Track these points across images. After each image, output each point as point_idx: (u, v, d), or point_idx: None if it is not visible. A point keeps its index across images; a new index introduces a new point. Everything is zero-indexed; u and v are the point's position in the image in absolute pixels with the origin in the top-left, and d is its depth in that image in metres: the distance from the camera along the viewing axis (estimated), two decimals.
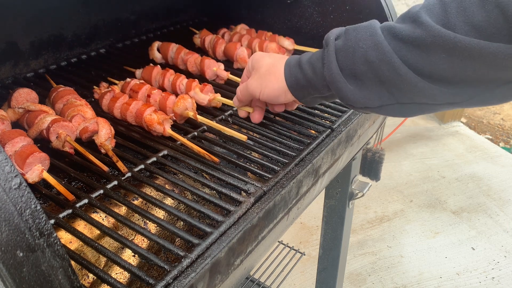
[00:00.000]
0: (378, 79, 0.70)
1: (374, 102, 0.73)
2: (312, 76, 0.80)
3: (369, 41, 0.69)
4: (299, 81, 0.82)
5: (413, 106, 0.71)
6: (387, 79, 0.69)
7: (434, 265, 2.32)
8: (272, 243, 0.86)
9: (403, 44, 0.66)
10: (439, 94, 0.66)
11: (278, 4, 1.45)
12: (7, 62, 1.15)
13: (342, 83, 0.74)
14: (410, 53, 0.65)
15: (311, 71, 0.80)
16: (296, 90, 0.84)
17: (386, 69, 0.68)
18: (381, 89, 0.71)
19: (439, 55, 0.63)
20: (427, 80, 0.66)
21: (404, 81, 0.67)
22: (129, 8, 1.44)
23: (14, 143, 0.79)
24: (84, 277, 0.70)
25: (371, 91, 0.72)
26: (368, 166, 1.61)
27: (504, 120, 3.91)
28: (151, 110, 0.94)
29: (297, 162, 0.86)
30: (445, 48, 0.61)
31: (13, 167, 0.44)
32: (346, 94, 0.75)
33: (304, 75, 0.81)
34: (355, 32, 0.73)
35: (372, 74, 0.70)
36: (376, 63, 0.69)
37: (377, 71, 0.69)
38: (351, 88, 0.74)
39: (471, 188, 2.90)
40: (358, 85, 0.73)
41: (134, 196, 0.81)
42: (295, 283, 2.20)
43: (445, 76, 0.64)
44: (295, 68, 0.83)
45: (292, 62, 0.84)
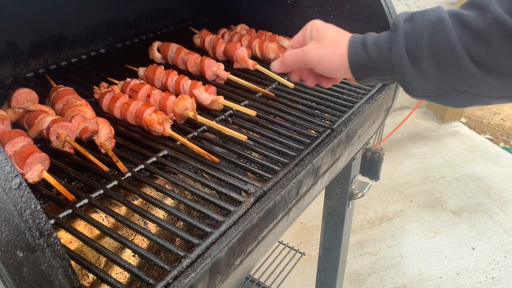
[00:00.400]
0: (439, 64, 0.71)
1: (434, 90, 0.74)
2: (377, 58, 0.79)
3: (438, 25, 0.70)
4: (362, 62, 0.81)
5: (469, 96, 0.72)
6: (448, 65, 0.70)
7: (434, 265, 2.32)
8: (272, 243, 0.86)
9: (469, 33, 0.66)
10: (496, 87, 0.67)
11: (278, 4, 1.45)
12: (7, 62, 1.16)
13: (407, 69, 0.75)
14: (475, 43, 0.65)
15: (376, 53, 0.79)
16: (357, 70, 0.83)
17: (449, 55, 0.68)
18: (441, 76, 0.72)
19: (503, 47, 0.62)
20: (486, 72, 0.66)
21: (463, 71, 0.68)
22: (129, 8, 1.44)
23: (14, 143, 0.79)
24: (84, 277, 0.70)
25: (432, 79, 0.73)
26: (368, 166, 1.60)
27: (504, 120, 3.91)
28: (151, 110, 0.94)
29: (297, 162, 0.86)
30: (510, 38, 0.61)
31: (13, 167, 0.44)
32: (409, 81, 0.75)
33: (368, 56, 0.80)
34: (423, 16, 0.73)
35: (435, 58, 0.71)
36: (441, 48, 0.69)
37: (440, 56, 0.70)
38: (415, 74, 0.74)
39: (471, 188, 2.90)
40: (420, 71, 0.74)
41: (134, 196, 0.81)
42: (295, 283, 2.20)
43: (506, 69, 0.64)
44: (360, 48, 0.81)
45: (357, 41, 0.82)
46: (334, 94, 1.13)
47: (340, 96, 1.13)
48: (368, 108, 1.09)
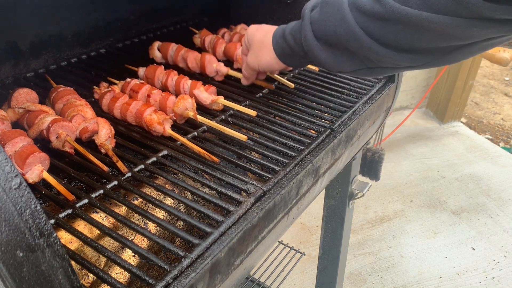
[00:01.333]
0: (347, 49, 0.80)
1: (346, 68, 0.85)
2: (294, 46, 0.91)
3: (337, 15, 0.78)
4: (285, 51, 0.94)
5: (380, 70, 0.83)
6: (355, 49, 0.79)
7: (434, 265, 2.32)
8: (272, 243, 0.86)
9: (366, 17, 0.74)
10: (399, 59, 0.76)
11: (278, 4, 1.45)
12: (7, 62, 1.15)
13: (318, 52, 0.85)
14: (372, 25, 0.74)
15: (293, 41, 0.91)
16: (285, 58, 0.97)
17: (352, 41, 0.77)
18: (351, 57, 0.81)
19: (397, 27, 0.71)
20: (388, 48, 0.75)
21: (368, 50, 0.77)
22: (129, 8, 1.44)
23: (14, 143, 0.79)
24: (84, 277, 0.70)
25: (344, 59, 0.83)
26: (368, 166, 1.61)
27: (504, 120, 3.92)
28: (151, 110, 0.94)
29: (297, 162, 0.86)
30: (401, 21, 0.69)
31: (13, 167, 0.44)
32: (322, 61, 0.86)
33: (288, 45, 0.92)
34: (326, 6, 0.82)
35: (341, 45, 0.80)
36: (344, 36, 0.78)
37: (345, 43, 0.79)
38: (326, 55, 0.84)
39: (471, 188, 2.90)
40: (332, 53, 0.83)
41: (134, 196, 0.81)
42: (295, 283, 2.20)
43: (403, 45, 0.73)
44: (280, 39, 0.94)
45: (278, 34, 0.95)
46: (334, 94, 1.13)
47: (340, 96, 1.13)
48: (368, 108, 1.09)
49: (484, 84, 4.53)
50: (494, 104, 4.18)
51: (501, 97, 4.29)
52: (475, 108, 4.09)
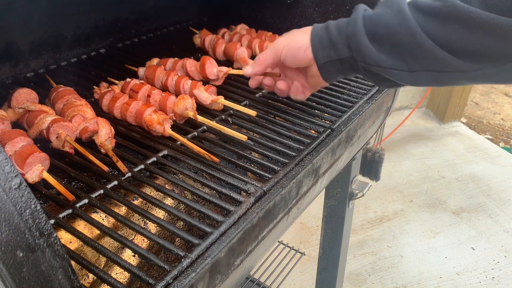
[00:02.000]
0: (394, 42, 0.76)
1: (386, 62, 0.79)
2: (336, 35, 0.85)
3: (395, 8, 0.76)
4: (322, 40, 0.87)
5: (423, 74, 0.76)
6: (402, 43, 0.75)
7: (434, 265, 2.33)
8: (272, 243, 0.86)
9: (423, 15, 0.72)
10: (449, 61, 0.72)
11: (278, 4, 1.45)
12: (7, 62, 1.15)
13: (362, 38, 0.80)
14: (428, 22, 0.71)
15: (336, 31, 0.85)
16: (317, 49, 0.88)
17: (403, 32, 0.74)
18: (395, 53, 0.77)
19: (453, 25, 0.68)
20: (440, 47, 0.71)
21: (418, 45, 0.73)
22: (129, 8, 1.44)
23: (14, 143, 0.79)
24: (84, 277, 0.70)
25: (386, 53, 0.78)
26: (368, 166, 1.60)
27: (504, 120, 3.91)
28: (151, 110, 0.94)
29: (297, 162, 0.86)
30: (459, 18, 0.67)
31: (13, 167, 0.44)
32: (364, 49, 0.80)
33: (328, 35, 0.86)
34: (383, 5, 0.79)
35: (390, 35, 0.76)
36: (396, 26, 0.75)
37: (395, 34, 0.75)
38: (369, 44, 0.79)
39: (471, 188, 2.90)
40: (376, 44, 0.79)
41: (134, 196, 0.81)
42: (295, 283, 2.20)
43: (457, 45, 0.70)
44: (322, 30, 0.88)
45: (319, 26, 0.90)
46: (334, 94, 1.13)
47: (340, 96, 1.13)
48: (368, 108, 1.09)
49: (484, 84, 4.53)
50: (494, 104, 4.18)
51: (501, 97, 4.29)
52: (475, 108, 4.09)
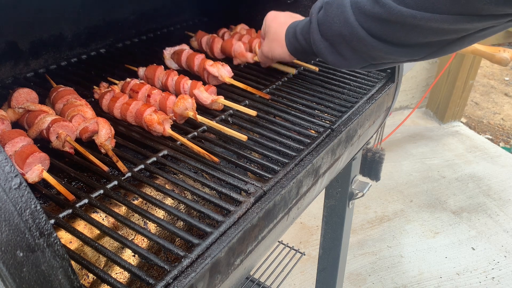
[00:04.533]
0: (352, 48, 0.85)
1: (354, 65, 0.90)
2: (305, 45, 0.98)
3: (341, 16, 0.83)
4: (297, 49, 1.02)
5: (383, 64, 0.88)
6: (358, 48, 0.84)
7: (434, 265, 2.33)
8: (272, 243, 0.86)
9: (367, 17, 0.79)
10: (400, 54, 0.81)
11: (278, 4, 1.45)
12: (7, 62, 1.15)
13: (326, 52, 0.91)
14: (373, 25, 0.79)
15: (304, 41, 0.98)
16: (297, 55, 1.06)
17: (356, 41, 0.82)
18: (356, 56, 0.86)
19: (394, 26, 0.76)
20: (389, 44, 0.79)
21: (371, 49, 0.82)
22: (129, 8, 1.44)
23: (14, 143, 0.79)
24: (84, 277, 0.70)
25: (350, 58, 0.88)
26: (368, 166, 1.61)
27: (504, 120, 3.92)
28: (151, 110, 0.94)
29: (297, 162, 0.86)
30: (398, 21, 0.74)
31: (13, 167, 0.44)
32: (331, 61, 0.92)
33: (299, 44, 1.00)
34: (331, 8, 0.86)
35: (347, 44, 0.85)
36: (348, 36, 0.83)
37: (350, 42, 0.84)
38: (334, 56, 0.90)
39: (471, 188, 2.90)
40: (339, 52, 0.88)
41: (134, 196, 0.81)
42: (295, 283, 2.20)
43: (403, 41, 0.78)
44: (293, 39, 1.02)
45: (290, 33, 1.02)
46: (334, 94, 1.13)
47: (340, 96, 1.13)
48: (368, 108, 1.09)
49: (484, 84, 4.53)
50: (494, 104, 4.18)
51: (501, 97, 4.29)
52: (475, 108, 4.09)
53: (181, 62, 1.25)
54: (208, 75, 1.17)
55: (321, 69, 1.26)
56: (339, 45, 0.87)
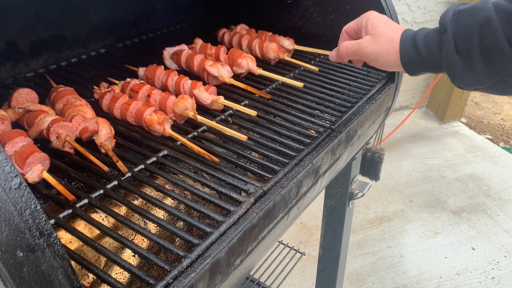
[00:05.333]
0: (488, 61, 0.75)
1: (483, 85, 0.79)
2: (427, 58, 0.85)
3: (486, 26, 0.72)
4: (413, 61, 0.87)
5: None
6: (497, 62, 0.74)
7: (434, 265, 2.32)
8: (272, 243, 0.86)
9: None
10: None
11: (278, 4, 1.45)
12: (7, 62, 1.15)
13: (457, 68, 0.79)
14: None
15: (427, 53, 0.84)
16: (409, 67, 0.89)
17: (497, 54, 0.72)
18: (491, 71, 0.76)
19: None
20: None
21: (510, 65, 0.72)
22: (129, 8, 1.44)
23: (14, 143, 0.79)
24: (84, 277, 0.70)
25: (484, 75, 0.77)
26: (368, 166, 1.61)
27: (504, 120, 3.91)
28: (151, 110, 0.94)
29: (297, 162, 0.86)
30: None
31: (13, 167, 0.44)
32: (460, 77, 0.80)
33: (419, 56, 0.86)
34: (472, 15, 0.75)
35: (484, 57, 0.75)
36: (490, 48, 0.73)
37: (489, 55, 0.74)
38: (465, 72, 0.79)
39: (471, 188, 2.90)
40: (471, 69, 0.77)
41: (134, 196, 0.81)
42: (295, 283, 2.20)
43: None
44: (411, 47, 0.87)
45: (408, 41, 0.88)
46: (334, 94, 1.13)
47: (340, 96, 1.13)
48: (368, 108, 1.09)
49: None
50: (494, 104, 4.18)
51: (501, 97, 4.29)
52: (475, 108, 4.09)
53: (180, 62, 1.25)
54: (208, 75, 1.17)
55: (321, 69, 1.27)
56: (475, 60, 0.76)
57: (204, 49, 1.30)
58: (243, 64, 1.19)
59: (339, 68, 1.28)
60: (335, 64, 1.30)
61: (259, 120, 1.01)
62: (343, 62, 1.04)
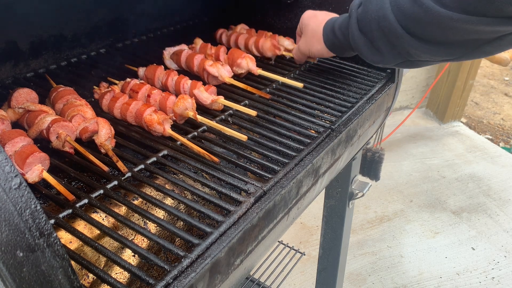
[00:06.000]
0: (390, 44, 0.87)
1: (390, 61, 0.92)
2: (343, 41, 1.01)
3: (380, 13, 0.85)
4: (335, 44, 1.05)
5: (419, 62, 0.90)
6: (397, 44, 0.86)
7: (434, 265, 2.33)
8: (272, 243, 0.86)
9: (405, 16, 0.81)
10: (437, 52, 0.82)
11: (278, 4, 1.45)
12: (7, 62, 1.15)
13: (364, 48, 0.93)
14: (410, 23, 0.81)
15: (342, 37, 1.01)
16: (334, 50, 1.08)
17: (394, 37, 0.85)
18: (394, 52, 0.88)
19: (431, 26, 0.78)
20: (426, 43, 0.81)
21: (408, 45, 0.84)
22: (129, 8, 1.44)
23: (14, 143, 0.79)
24: (84, 277, 0.70)
25: (387, 54, 0.90)
26: (368, 166, 1.61)
27: (504, 120, 3.91)
28: (151, 110, 0.94)
29: (297, 162, 0.86)
30: (435, 21, 0.76)
31: (13, 167, 0.44)
32: (369, 56, 0.94)
33: (337, 40, 1.03)
34: (370, 4, 0.88)
35: (386, 40, 0.87)
36: (386, 32, 0.85)
37: (388, 39, 0.86)
38: (372, 51, 0.92)
39: (471, 188, 2.90)
40: (377, 48, 0.90)
41: (134, 196, 0.81)
42: (295, 283, 2.20)
43: (439, 39, 0.80)
44: (331, 34, 1.05)
45: (328, 29, 1.06)
46: (334, 94, 1.13)
47: (340, 96, 1.13)
48: (368, 108, 1.09)
49: (484, 84, 4.53)
50: (494, 104, 4.18)
51: (501, 97, 4.29)
52: (475, 108, 4.09)
53: (180, 62, 1.25)
54: (207, 75, 1.17)
55: (321, 69, 1.26)
56: (378, 41, 0.89)
57: (204, 49, 1.30)
58: (243, 64, 1.19)
59: (339, 68, 1.28)
60: (335, 64, 1.30)
61: (259, 120, 1.01)
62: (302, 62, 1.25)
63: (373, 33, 0.88)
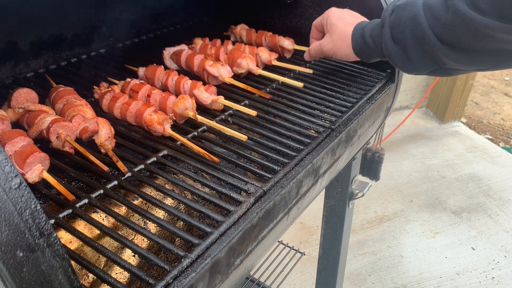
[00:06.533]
0: (423, 52, 0.87)
1: (423, 70, 0.92)
2: (373, 48, 1.00)
3: (414, 21, 0.85)
4: (363, 50, 1.04)
5: (452, 71, 0.89)
6: (429, 52, 0.86)
7: (434, 265, 2.33)
8: (272, 243, 0.86)
9: (439, 23, 0.81)
10: (469, 62, 0.82)
11: (278, 4, 1.45)
12: (7, 62, 1.15)
13: (397, 58, 0.93)
14: (444, 30, 0.80)
15: (372, 44, 1.00)
16: (362, 56, 1.07)
17: (427, 45, 0.85)
18: (427, 60, 0.88)
19: (467, 33, 0.77)
20: (458, 52, 0.81)
21: (441, 54, 0.83)
22: (129, 8, 1.44)
23: (14, 143, 0.79)
24: (84, 277, 0.70)
25: (420, 62, 0.90)
26: (368, 166, 1.60)
27: (504, 120, 3.91)
28: (151, 110, 0.94)
29: (297, 162, 0.86)
30: (469, 28, 0.75)
31: (13, 167, 0.44)
32: (400, 65, 0.95)
33: (367, 46, 1.02)
34: (403, 11, 0.88)
35: (419, 48, 0.87)
36: (419, 39, 0.85)
37: (421, 46, 0.86)
38: (405, 60, 0.92)
39: (471, 188, 2.90)
40: (409, 57, 0.90)
41: (134, 196, 0.81)
42: (295, 283, 2.20)
43: (473, 48, 0.79)
44: (360, 40, 1.03)
45: (358, 34, 1.03)
46: (334, 94, 1.13)
47: (340, 96, 1.13)
48: (368, 108, 1.09)
49: (484, 84, 4.54)
50: (494, 104, 4.18)
51: (501, 97, 4.29)
52: (475, 108, 4.09)
53: (180, 62, 1.25)
54: (208, 75, 1.17)
55: (321, 69, 1.26)
56: (410, 49, 0.88)
57: (204, 49, 1.30)
58: (243, 64, 1.19)
59: (339, 68, 1.28)
60: (335, 64, 1.30)
61: (259, 120, 1.01)
62: (315, 59, 1.24)
63: (406, 41, 0.88)
